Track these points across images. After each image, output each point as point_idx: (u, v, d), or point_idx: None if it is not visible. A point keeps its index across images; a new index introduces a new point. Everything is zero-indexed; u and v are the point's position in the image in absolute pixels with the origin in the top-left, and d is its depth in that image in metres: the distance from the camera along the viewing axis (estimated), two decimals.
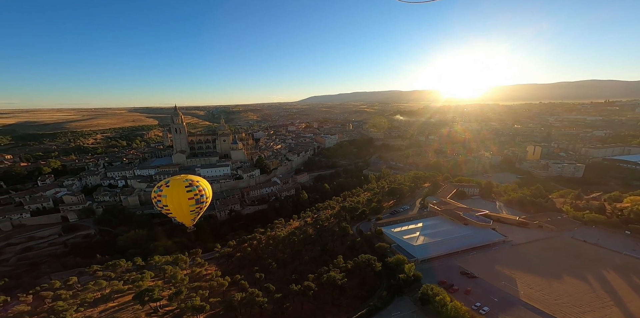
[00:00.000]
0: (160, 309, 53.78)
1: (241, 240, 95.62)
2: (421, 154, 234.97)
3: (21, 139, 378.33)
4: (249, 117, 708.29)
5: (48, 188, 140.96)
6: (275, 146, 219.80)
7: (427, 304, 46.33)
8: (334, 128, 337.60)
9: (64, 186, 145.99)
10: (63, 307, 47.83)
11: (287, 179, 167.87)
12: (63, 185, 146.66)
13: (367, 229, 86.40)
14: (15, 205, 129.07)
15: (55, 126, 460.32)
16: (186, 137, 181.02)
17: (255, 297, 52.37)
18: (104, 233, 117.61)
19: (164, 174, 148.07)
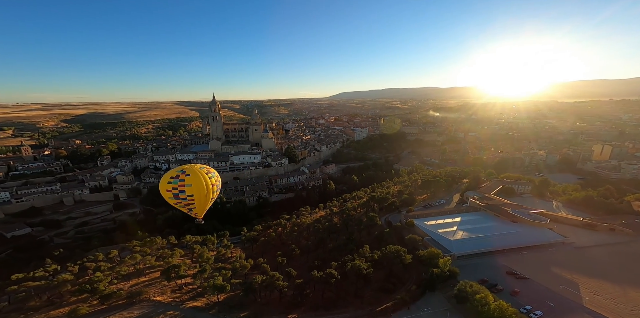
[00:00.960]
0: (185, 287, 55.00)
1: (267, 225, 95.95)
2: (460, 150, 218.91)
3: (89, 127, 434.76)
4: (280, 111, 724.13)
5: (105, 168, 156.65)
6: (305, 137, 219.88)
7: (464, 302, 40.53)
8: (364, 122, 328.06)
9: (118, 167, 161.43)
10: (99, 278, 50.62)
11: (315, 170, 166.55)
12: (117, 166, 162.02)
13: (396, 221, 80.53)
14: (77, 182, 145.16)
15: (116, 116, 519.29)
16: (222, 125, 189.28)
17: (276, 280, 50.82)
18: (147, 212, 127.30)
19: (201, 159, 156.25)
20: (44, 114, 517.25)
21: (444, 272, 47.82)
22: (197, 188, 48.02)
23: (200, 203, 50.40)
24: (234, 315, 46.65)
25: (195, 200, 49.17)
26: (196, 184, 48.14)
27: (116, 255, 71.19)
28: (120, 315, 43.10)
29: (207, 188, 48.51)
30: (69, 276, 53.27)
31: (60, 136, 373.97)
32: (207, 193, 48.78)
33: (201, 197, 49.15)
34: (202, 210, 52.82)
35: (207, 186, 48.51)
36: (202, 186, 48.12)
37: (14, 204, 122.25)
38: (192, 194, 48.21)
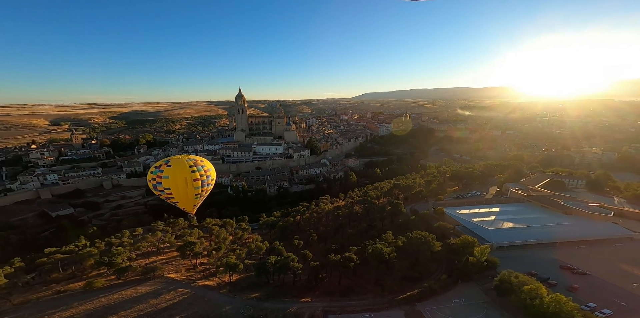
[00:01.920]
0: (199, 266, 54.15)
1: (285, 212, 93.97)
2: (495, 147, 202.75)
3: (132, 123, 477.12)
4: (303, 110, 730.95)
5: (141, 156, 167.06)
6: (327, 131, 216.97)
7: (507, 295, 34.10)
8: (388, 118, 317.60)
9: (152, 155, 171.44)
10: (118, 251, 50.79)
11: (337, 162, 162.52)
12: (152, 154, 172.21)
13: (423, 210, 74.06)
14: (117, 167, 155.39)
15: (155, 114, 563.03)
16: (246, 118, 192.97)
17: (290, 261, 47.67)
18: None
19: (226, 149, 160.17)
20: (95, 112, 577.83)
21: (481, 262, 41.35)
22: (174, 181, 44.63)
23: (180, 196, 46.57)
24: (244, 295, 44.35)
25: (173, 193, 45.62)
26: (174, 176, 44.73)
27: (140, 233, 73.15)
28: (133, 289, 42.60)
29: (187, 182, 44.88)
30: (93, 249, 54.85)
31: (107, 130, 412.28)
32: (187, 187, 45.07)
33: (179, 191, 45.39)
34: (187, 205, 49.19)
35: (187, 180, 44.79)
36: (179, 179, 44.49)
37: (61, 186, 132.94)
38: (168, 187, 44.94)
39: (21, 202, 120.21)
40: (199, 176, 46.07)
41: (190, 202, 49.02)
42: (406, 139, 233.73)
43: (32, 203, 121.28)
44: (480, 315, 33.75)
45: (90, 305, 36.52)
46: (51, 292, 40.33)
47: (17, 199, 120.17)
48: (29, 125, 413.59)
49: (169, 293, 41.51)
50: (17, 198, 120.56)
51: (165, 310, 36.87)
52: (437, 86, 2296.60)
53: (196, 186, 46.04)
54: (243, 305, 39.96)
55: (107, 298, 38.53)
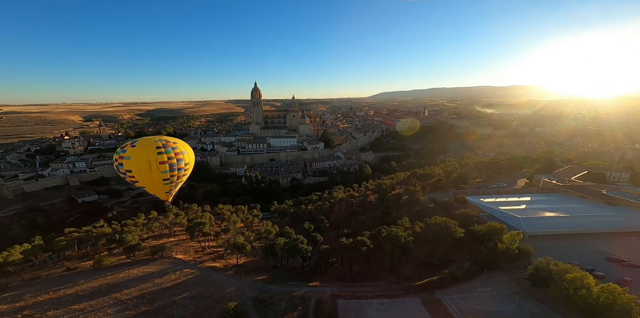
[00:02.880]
0: (208, 249, 53.36)
1: (297, 201, 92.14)
2: (523, 144, 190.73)
3: (156, 119, 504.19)
4: (318, 108, 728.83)
5: None
6: (342, 125, 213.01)
7: (544, 285, 29.61)
8: (406, 115, 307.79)
9: None
10: (130, 229, 51.05)
11: (351, 156, 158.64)
12: None
13: (443, 198, 69.29)
14: None
15: (177, 111, 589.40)
16: (262, 111, 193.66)
17: (300, 243, 45.36)
18: (191, 187, 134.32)
19: (241, 142, 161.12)
20: (124, 109, 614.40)
21: (511, 249, 36.70)
22: (136, 163, 39.14)
23: (144, 181, 41.00)
24: (250, 277, 42.63)
25: (136, 176, 40.26)
26: (135, 158, 39.20)
27: (155, 216, 74.20)
28: (140, 269, 42.09)
29: (151, 165, 39.16)
30: (107, 229, 55.65)
31: (134, 126, 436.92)
32: (150, 170, 39.40)
33: (142, 175, 39.81)
34: (157, 191, 43.71)
35: (151, 162, 39.09)
36: (142, 161, 38.85)
37: (88, 173, 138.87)
38: (130, 169, 39.80)
39: (51, 187, 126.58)
40: (167, 159, 39.77)
41: (159, 188, 42.83)
42: (424, 135, 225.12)
43: (61, 189, 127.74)
44: (511, 306, 29.50)
45: (96, 282, 36.18)
46: (62, 269, 40.70)
47: (48, 184, 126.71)
48: (65, 121, 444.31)
49: (175, 273, 40.55)
50: (48, 183, 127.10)
51: (168, 289, 35.78)
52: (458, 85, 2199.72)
53: (163, 169, 39.72)
54: (248, 287, 38.17)
55: (114, 277, 38.08)
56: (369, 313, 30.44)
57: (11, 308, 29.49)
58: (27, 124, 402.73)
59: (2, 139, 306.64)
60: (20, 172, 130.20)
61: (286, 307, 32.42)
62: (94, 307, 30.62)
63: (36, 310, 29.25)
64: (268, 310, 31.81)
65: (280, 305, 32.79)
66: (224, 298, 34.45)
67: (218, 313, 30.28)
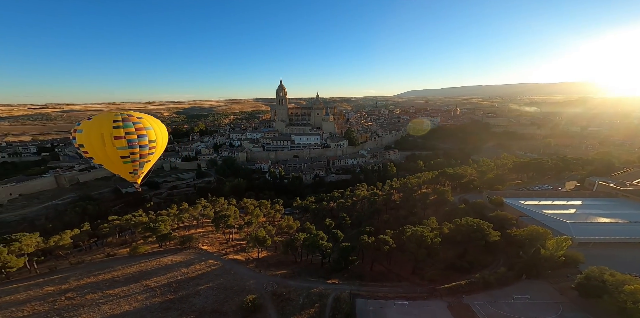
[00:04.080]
0: (231, 241, 55.09)
1: (319, 197, 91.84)
2: (573, 145, 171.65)
3: (190, 117, 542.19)
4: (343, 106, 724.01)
5: (194, 142, 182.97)
6: (366, 123, 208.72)
7: (596, 295, 25.81)
8: (435, 113, 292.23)
9: (203, 141, 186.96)
10: (162, 219, 54.11)
11: (376, 154, 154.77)
12: (203, 141, 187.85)
13: (475, 200, 64.38)
14: (174, 152, 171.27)
15: (209, 110, 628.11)
16: (286, 108, 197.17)
17: (320, 240, 44.95)
18: (219, 181, 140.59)
19: (266, 138, 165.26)
20: (163, 108, 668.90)
21: (556, 256, 32.65)
22: (87, 136, 35.02)
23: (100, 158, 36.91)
24: (270, 271, 43.21)
25: (90, 152, 36.24)
26: (88, 131, 34.99)
27: (185, 207, 78.81)
28: (169, 258, 44.61)
29: (104, 140, 34.53)
30: (144, 218, 60.01)
31: (171, 123, 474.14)
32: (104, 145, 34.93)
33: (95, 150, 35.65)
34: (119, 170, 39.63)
35: (104, 137, 34.37)
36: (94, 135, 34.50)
37: None
38: (82, 144, 35.94)
39: (101, 178, 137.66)
40: (124, 134, 34.70)
41: (119, 167, 38.29)
42: (455, 133, 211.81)
43: (109, 179, 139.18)
44: (553, 316, 26.12)
45: (130, 269, 38.85)
46: (102, 255, 44.36)
47: (98, 175, 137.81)
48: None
49: (200, 264, 42.24)
50: (98, 174, 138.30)
51: (193, 279, 37.34)
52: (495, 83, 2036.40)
53: (119, 145, 34.88)
54: (267, 280, 38.59)
55: (146, 264, 40.62)
56: (388, 314, 29.00)
57: (57, 290, 32.68)
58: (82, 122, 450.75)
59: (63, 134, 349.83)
60: (76, 163, 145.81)
61: (303, 302, 32.12)
62: (127, 292, 32.84)
63: (77, 293, 32.08)
64: (285, 305, 31.76)
65: (298, 300, 32.58)
66: (243, 291, 35.09)
67: (237, 305, 30.85)
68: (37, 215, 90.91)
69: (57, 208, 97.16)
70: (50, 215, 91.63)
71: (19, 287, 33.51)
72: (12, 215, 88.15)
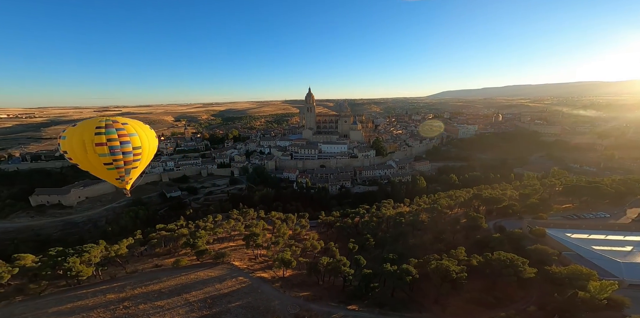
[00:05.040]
0: (259, 257, 58.39)
1: (344, 212, 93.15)
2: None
3: (226, 120, 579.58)
4: (372, 109, 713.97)
5: (229, 149, 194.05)
6: (395, 131, 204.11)
7: None
8: (472, 119, 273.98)
9: (236, 148, 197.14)
10: (200, 235, 59.17)
11: (404, 165, 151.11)
12: (236, 148, 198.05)
13: (513, 228, 60.60)
14: (211, 158, 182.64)
15: (242, 112, 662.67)
16: (314, 116, 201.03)
17: (342, 265, 46.55)
18: (250, 189, 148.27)
19: (295, 147, 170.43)
20: (202, 110, 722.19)
21: (598, 299, 30.41)
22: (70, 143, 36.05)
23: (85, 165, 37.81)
24: (294, 292, 45.77)
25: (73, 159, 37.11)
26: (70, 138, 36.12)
27: (220, 219, 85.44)
28: (205, 272, 49.00)
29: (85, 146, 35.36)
30: (185, 231, 66.60)
31: (209, 126, 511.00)
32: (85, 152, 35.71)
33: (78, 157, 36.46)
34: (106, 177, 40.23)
35: (85, 143, 35.16)
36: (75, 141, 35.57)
37: (175, 171, 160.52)
38: (65, 150, 36.98)
39: (150, 183, 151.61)
40: (105, 141, 35.41)
41: (104, 173, 38.85)
42: (496, 143, 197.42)
43: (156, 184, 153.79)
44: None
45: (173, 281, 43.93)
46: (151, 265, 50.52)
47: (148, 180, 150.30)
48: (161, 121, 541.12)
49: (231, 280, 46.19)
50: (148, 179, 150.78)
51: (225, 296, 41.12)
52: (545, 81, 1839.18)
53: (100, 152, 35.62)
54: (291, 302, 41.07)
55: (186, 277, 45.53)
56: None
57: (116, 298, 38.50)
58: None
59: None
60: None
61: None
62: (170, 305, 37.57)
63: (132, 302, 37.51)
64: None
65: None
66: (268, 311, 38.02)
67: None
68: (99, 216, 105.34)
69: (115, 211, 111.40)
70: (110, 217, 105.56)
71: (87, 293, 40.14)
72: (80, 216, 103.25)
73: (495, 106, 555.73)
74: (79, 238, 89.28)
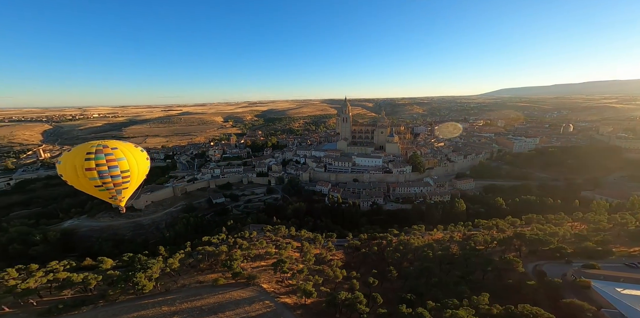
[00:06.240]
0: (286, 281, 62.05)
1: (372, 236, 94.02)
2: None
3: (267, 121, 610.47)
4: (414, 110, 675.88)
5: (267, 158, 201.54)
6: (437, 144, 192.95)
7: None
8: (533, 129, 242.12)
9: (274, 157, 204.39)
10: (236, 257, 64.06)
11: (444, 183, 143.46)
12: (274, 157, 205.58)
13: (556, 274, 55.27)
14: (252, 166, 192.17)
15: (282, 113, 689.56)
16: (350, 126, 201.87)
17: (358, 303, 49.10)
18: (284, 199, 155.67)
19: (329, 158, 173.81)
20: (247, 110, 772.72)
21: None
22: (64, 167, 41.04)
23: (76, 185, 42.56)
24: None
25: (69, 181, 42.19)
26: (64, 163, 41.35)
27: (255, 235, 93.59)
28: (237, 293, 54.45)
29: (77, 171, 40.30)
30: (224, 248, 74.89)
31: (252, 127, 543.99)
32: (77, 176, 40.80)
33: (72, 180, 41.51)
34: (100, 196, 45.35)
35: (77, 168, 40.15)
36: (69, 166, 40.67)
37: (220, 178, 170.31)
38: (61, 174, 42.06)
39: (200, 188, 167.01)
40: (94, 166, 40.05)
41: (97, 194, 44.03)
42: (562, 159, 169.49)
43: (204, 190, 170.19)
44: None
45: (212, 299, 51.41)
46: (195, 280, 59.48)
47: (198, 186, 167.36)
48: (212, 122, 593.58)
49: (258, 303, 52.05)
50: (198, 185, 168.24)
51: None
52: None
53: (90, 176, 40.18)
54: None
55: (222, 296, 52.65)
56: None
57: (168, 311, 47.19)
58: (193, 124, 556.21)
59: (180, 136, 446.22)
60: (186, 174, 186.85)
61: None
62: None
63: (180, 317, 45.75)
64: None
65: None
66: None
67: None
68: (161, 220, 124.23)
69: (172, 215, 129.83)
70: (168, 221, 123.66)
71: (148, 304, 49.80)
72: (146, 218, 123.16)
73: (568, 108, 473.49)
74: (145, 239, 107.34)
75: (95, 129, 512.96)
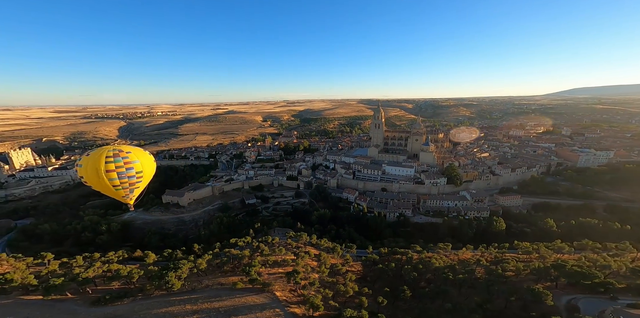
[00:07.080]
0: (299, 290, 64.15)
1: (392, 250, 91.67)
2: None
3: (303, 121, 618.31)
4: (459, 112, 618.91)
5: (298, 161, 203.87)
6: (480, 154, 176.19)
7: None
8: (608, 139, 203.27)
9: (305, 161, 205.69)
10: (254, 263, 67.16)
11: (483, 198, 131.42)
12: (304, 161, 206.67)
13: (592, 311, 48.80)
14: (283, 169, 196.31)
15: (318, 113, 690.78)
16: (383, 133, 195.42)
17: None
18: (311, 204, 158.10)
19: (358, 165, 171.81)
20: (285, 110, 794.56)
21: None
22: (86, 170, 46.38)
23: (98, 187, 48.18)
24: None
25: (89, 182, 47.75)
26: (85, 166, 46.59)
27: (277, 241, 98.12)
28: (253, 297, 57.76)
29: (98, 173, 46.07)
30: (247, 252, 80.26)
31: (289, 127, 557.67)
32: (99, 178, 46.42)
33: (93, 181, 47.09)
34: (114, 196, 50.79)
35: (99, 170, 45.90)
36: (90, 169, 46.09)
37: (254, 180, 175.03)
38: (82, 176, 47.58)
39: (235, 189, 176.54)
40: (114, 168, 46.42)
41: (113, 193, 49.81)
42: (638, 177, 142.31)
43: (239, 190, 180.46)
44: None
45: (230, 302, 56.16)
46: (217, 282, 65.52)
47: (234, 187, 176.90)
48: (252, 121, 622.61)
49: (269, 311, 55.38)
50: (234, 185, 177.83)
51: None
52: None
53: (110, 177, 46.16)
54: None
55: (238, 300, 57.17)
56: None
57: (191, 310, 53.24)
58: (236, 123, 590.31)
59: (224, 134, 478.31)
60: (224, 174, 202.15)
61: None
62: None
63: (199, 315, 51.33)
64: None
65: None
66: None
67: None
68: (199, 217, 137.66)
69: (209, 213, 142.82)
70: (206, 218, 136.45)
71: (175, 300, 56.80)
72: (188, 215, 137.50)
73: None
74: (185, 234, 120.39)
75: (157, 126, 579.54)
